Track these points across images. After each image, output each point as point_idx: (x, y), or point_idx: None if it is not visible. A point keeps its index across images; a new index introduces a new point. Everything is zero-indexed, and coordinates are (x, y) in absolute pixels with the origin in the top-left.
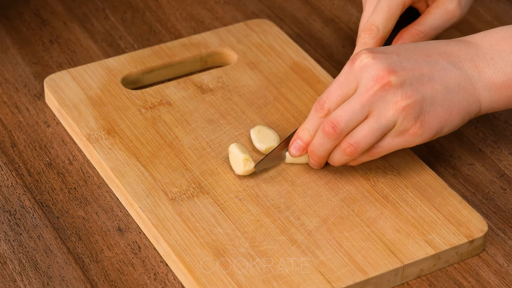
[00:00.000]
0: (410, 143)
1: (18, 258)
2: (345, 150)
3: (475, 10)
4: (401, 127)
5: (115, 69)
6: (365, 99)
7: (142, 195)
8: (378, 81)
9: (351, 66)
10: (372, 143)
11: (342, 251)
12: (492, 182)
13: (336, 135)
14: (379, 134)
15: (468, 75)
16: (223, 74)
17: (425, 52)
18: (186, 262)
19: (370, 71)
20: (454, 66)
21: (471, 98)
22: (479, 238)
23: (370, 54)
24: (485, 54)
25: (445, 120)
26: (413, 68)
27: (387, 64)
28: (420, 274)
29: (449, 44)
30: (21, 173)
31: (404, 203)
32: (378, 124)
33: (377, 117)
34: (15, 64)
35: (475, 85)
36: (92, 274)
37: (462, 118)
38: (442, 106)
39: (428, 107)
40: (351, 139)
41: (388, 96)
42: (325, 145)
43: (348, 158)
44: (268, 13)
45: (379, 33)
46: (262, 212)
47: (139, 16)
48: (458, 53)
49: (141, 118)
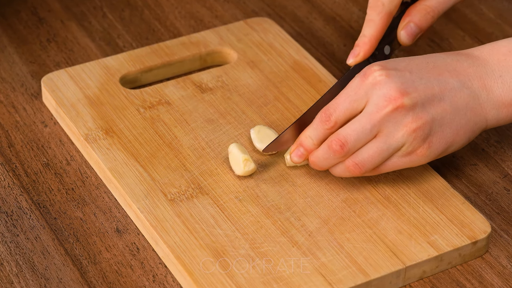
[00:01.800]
0: (415, 163)
1: (15, 260)
2: (349, 168)
3: (478, 9)
4: (409, 148)
5: (113, 68)
6: (376, 119)
7: (141, 196)
8: (391, 101)
9: (363, 81)
10: (378, 164)
11: (344, 253)
12: (495, 183)
13: (343, 154)
14: (386, 155)
15: (477, 95)
16: (222, 73)
17: (436, 69)
18: (185, 263)
19: (383, 89)
20: (463, 86)
21: (478, 118)
22: (482, 239)
23: (384, 71)
24: (494, 71)
25: (451, 141)
26: (425, 88)
27: (400, 83)
28: (422, 276)
29: (458, 60)
30: (18, 174)
31: (406, 204)
32: (386, 145)
33: (386, 137)
34: (12, 63)
35: (483, 105)
36: (90, 276)
37: (468, 137)
38: (450, 127)
39: (437, 128)
40: (356, 158)
41: (399, 117)
42: (329, 160)
43: (350, 175)
44: (268, 11)
45: (384, 8)
46: (262, 213)
47: (137, 14)
48: (468, 71)
49: (140, 118)
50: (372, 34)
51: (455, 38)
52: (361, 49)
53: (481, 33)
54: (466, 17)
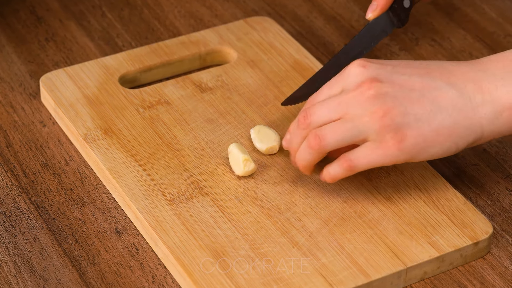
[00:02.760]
0: (390, 158)
1: (14, 261)
2: (309, 140)
3: (480, 8)
4: (379, 137)
5: (112, 67)
6: (342, 100)
7: (140, 196)
8: (359, 87)
9: (342, 73)
10: (340, 142)
11: (344, 253)
12: (497, 183)
13: (305, 125)
14: (350, 135)
15: (469, 98)
16: (222, 73)
17: (426, 68)
18: (185, 264)
19: (356, 78)
20: (452, 87)
21: (468, 122)
22: (483, 240)
23: (361, 62)
24: (495, 75)
25: (431, 140)
26: (402, 82)
27: (376, 74)
28: (423, 277)
29: (458, 64)
30: (17, 174)
31: (407, 204)
32: (351, 123)
33: (351, 117)
34: (10, 63)
35: (476, 108)
36: (89, 277)
37: (454, 141)
38: (429, 125)
39: (413, 122)
40: (319, 130)
41: (367, 104)
42: (296, 134)
43: (310, 152)
44: (268, 11)
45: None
46: (262, 213)
47: (136, 13)
48: (464, 74)
49: (139, 118)
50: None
51: (456, 37)
52: (379, 2)
53: (482, 32)
54: (467, 16)
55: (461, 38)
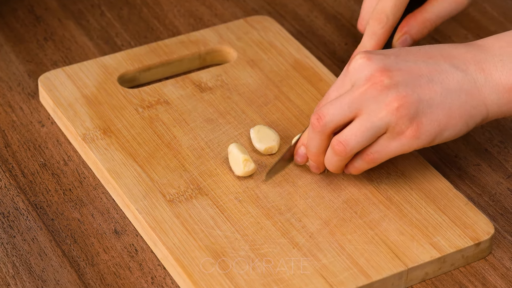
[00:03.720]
0: (408, 147)
1: (12, 261)
2: (334, 148)
3: (481, 7)
4: (396, 128)
5: (111, 67)
6: (354, 96)
7: (139, 197)
8: (369, 80)
9: (347, 68)
10: (363, 143)
11: (345, 254)
12: (499, 183)
13: (320, 127)
14: (371, 134)
15: (473, 78)
16: (222, 72)
17: (428, 54)
18: (185, 265)
19: (364, 71)
20: (457, 69)
21: (475, 102)
22: (485, 240)
23: (365, 55)
24: (494, 56)
25: (445, 124)
26: (410, 69)
27: (382, 64)
28: (425, 278)
29: (456, 47)
30: (15, 174)
31: (409, 204)
32: (369, 122)
33: (367, 115)
34: (8, 62)
35: (481, 89)
36: (88, 277)
37: (465, 122)
38: (442, 109)
39: (426, 109)
40: (340, 136)
41: (381, 97)
42: (313, 139)
43: (339, 159)
44: (268, 10)
45: (388, 21)
46: (263, 214)
47: (136, 12)
48: (464, 56)
49: (138, 118)
50: (373, 47)
51: (457, 36)
52: None
53: (484, 32)
54: (469, 15)
55: (463, 37)
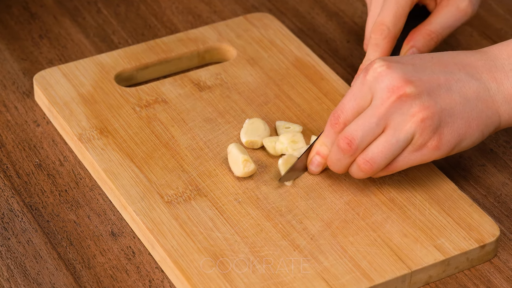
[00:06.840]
0: (428, 158)
1: (6, 264)
2: (361, 167)
3: (487, 4)
4: (419, 140)
5: (108, 65)
6: (381, 112)
7: (137, 198)
8: (394, 91)
9: (365, 76)
10: (390, 159)
11: (347, 257)
12: (504, 184)
13: (351, 151)
14: (397, 149)
15: (487, 87)
16: (221, 71)
17: (442, 62)
18: (183, 268)
19: (385, 81)
20: (472, 77)
21: (490, 111)
22: (490, 243)
23: (384, 63)
24: (504, 65)
25: (463, 133)
26: (429, 78)
27: (403, 73)
28: (428, 281)
29: (466, 54)
30: (9, 175)
31: (412, 206)
32: (395, 138)
33: (393, 130)
34: (2, 60)
35: (494, 97)
36: (84, 280)
37: (481, 131)
38: (461, 118)
39: (447, 118)
40: (367, 155)
41: (405, 108)
42: (342, 160)
43: (364, 175)
44: (269, 7)
45: (390, 32)
46: (263, 215)
47: (133, 9)
48: (476, 64)
49: (136, 117)
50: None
51: (462, 34)
52: None
53: (489, 29)
54: None
55: (467, 35)
